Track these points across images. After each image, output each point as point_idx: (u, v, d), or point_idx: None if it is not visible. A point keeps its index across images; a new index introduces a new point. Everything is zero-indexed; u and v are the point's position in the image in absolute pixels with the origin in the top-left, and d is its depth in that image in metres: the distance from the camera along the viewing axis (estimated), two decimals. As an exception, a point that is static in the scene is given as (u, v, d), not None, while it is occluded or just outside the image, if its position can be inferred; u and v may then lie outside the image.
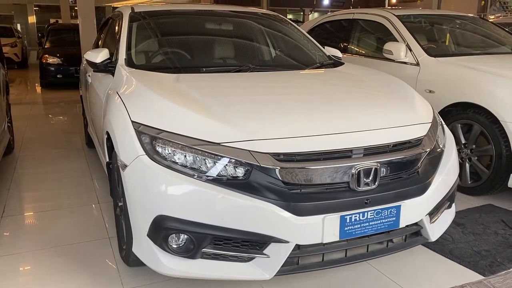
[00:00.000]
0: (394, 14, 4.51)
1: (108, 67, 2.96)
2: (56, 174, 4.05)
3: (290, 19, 4.17)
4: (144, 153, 2.01)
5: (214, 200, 1.90)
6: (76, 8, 10.23)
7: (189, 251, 1.98)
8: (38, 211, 3.24)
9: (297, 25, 3.97)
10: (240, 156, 1.93)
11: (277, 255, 1.96)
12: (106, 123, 2.56)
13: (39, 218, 3.13)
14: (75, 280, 2.35)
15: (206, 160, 1.95)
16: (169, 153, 1.98)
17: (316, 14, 26.59)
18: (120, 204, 2.35)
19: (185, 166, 1.95)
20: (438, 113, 3.00)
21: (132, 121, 2.14)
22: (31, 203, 3.42)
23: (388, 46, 4.17)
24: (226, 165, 1.94)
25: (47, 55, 9.77)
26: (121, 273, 2.42)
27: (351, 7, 21.93)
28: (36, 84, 10.66)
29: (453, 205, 2.57)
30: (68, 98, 8.60)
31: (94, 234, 2.88)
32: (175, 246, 2.00)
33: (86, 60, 3.04)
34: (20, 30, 23.94)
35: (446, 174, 2.32)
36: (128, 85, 2.56)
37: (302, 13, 27.74)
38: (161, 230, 1.96)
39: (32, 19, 26.50)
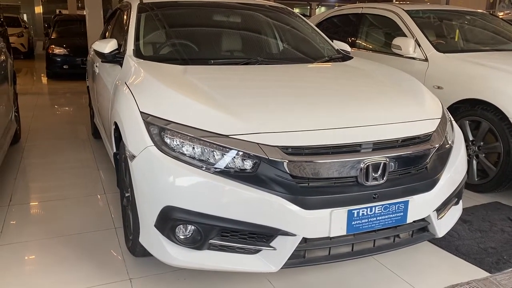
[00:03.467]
0: (403, 9, 4.48)
1: (116, 58, 2.96)
2: (62, 165, 4.06)
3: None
4: (153, 144, 2.01)
5: (222, 192, 1.90)
6: (83, -2, 10.22)
7: (196, 242, 1.98)
8: (44, 201, 3.25)
9: (305, 18, 3.94)
10: (248, 148, 1.92)
11: (284, 248, 1.96)
12: (114, 113, 2.56)
13: (45, 207, 3.14)
14: (81, 270, 2.36)
15: (214, 152, 1.94)
16: (178, 145, 1.98)
17: (323, 9, 26.46)
18: (127, 194, 2.36)
19: (193, 158, 1.95)
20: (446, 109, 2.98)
21: (141, 112, 2.14)
22: (37, 192, 3.43)
23: (397, 41, 4.14)
24: (234, 157, 1.93)
25: (53, 46, 9.77)
26: (127, 263, 2.43)
27: (357, 1, 21.80)
28: (42, 75, 10.67)
29: (460, 201, 2.56)
30: (74, 89, 8.61)
31: (100, 224, 2.89)
32: (182, 237, 2.00)
33: (94, 50, 3.04)
34: (26, 20, 24.01)
35: (454, 171, 2.31)
36: (136, 76, 2.56)
37: (309, 7, 27.62)
38: (168, 220, 1.96)
39: (38, 9, 26.60)
